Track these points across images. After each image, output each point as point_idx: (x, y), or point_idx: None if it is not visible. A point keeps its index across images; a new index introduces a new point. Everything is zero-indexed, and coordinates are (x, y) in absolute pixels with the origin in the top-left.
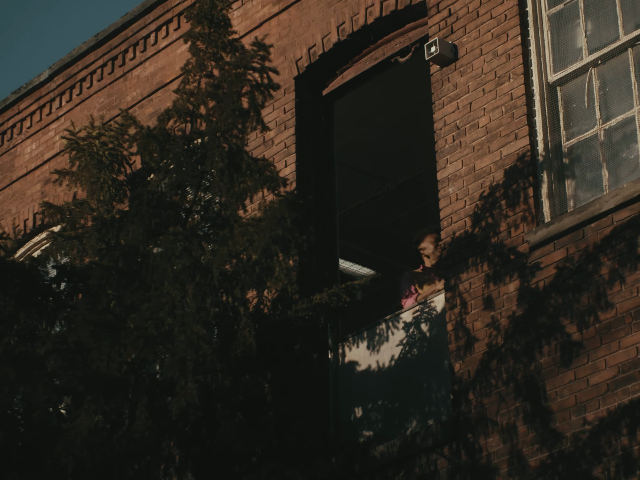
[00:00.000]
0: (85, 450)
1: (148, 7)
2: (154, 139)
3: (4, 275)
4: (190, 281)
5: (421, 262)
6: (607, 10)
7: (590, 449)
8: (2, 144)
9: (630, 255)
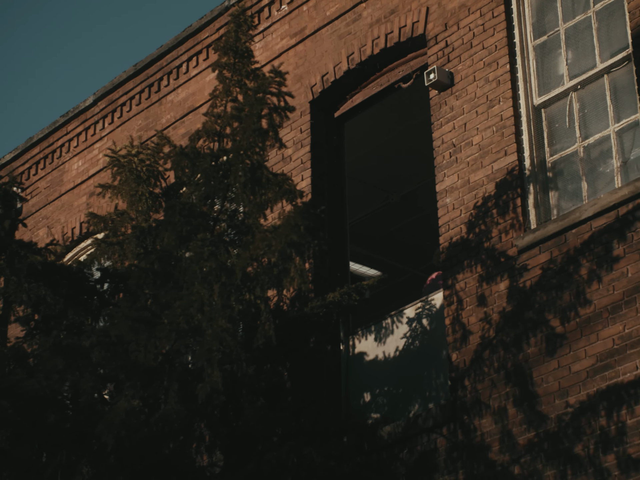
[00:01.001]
0: (123, 430)
1: (180, 40)
2: (186, 157)
3: (54, 277)
4: (217, 281)
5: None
6: (585, 41)
7: (572, 429)
8: (52, 161)
9: (607, 257)
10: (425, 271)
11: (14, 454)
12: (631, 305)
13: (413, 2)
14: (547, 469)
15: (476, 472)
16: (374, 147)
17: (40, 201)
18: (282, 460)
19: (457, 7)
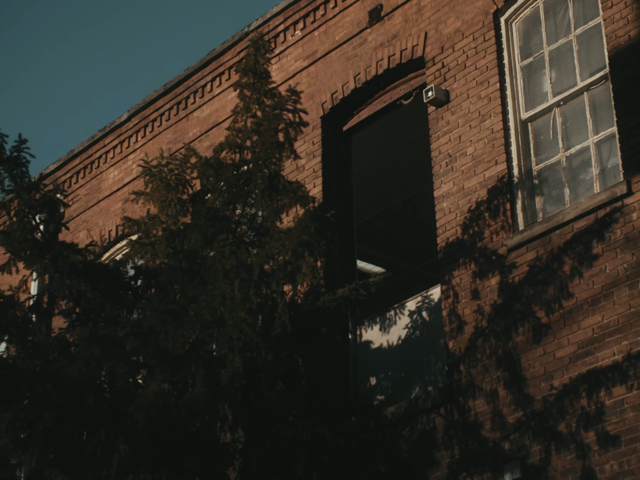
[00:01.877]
0: (152, 410)
1: (205, 62)
2: (210, 167)
3: (93, 274)
4: (237, 277)
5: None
6: (567, 62)
7: (556, 409)
8: (91, 171)
9: (587, 255)
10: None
11: (58, 433)
12: (609, 298)
13: (413, 27)
14: (534, 445)
15: (470, 448)
16: (378, 158)
17: (80, 207)
18: (297, 437)
19: (452, 32)
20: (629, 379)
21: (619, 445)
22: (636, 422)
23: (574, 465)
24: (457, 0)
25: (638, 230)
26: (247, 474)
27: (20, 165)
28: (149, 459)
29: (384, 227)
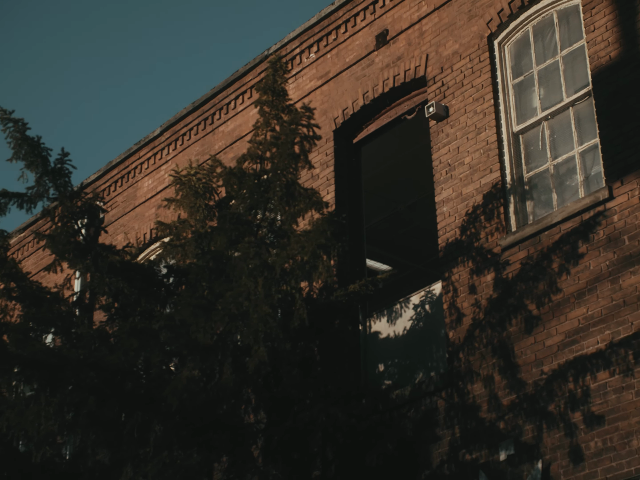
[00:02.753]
0: (184, 394)
1: (229, 82)
2: (234, 176)
3: (130, 273)
4: (260, 275)
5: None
6: (554, 80)
7: (546, 392)
8: (128, 180)
9: (573, 254)
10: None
11: (100, 415)
12: (593, 292)
13: (415, 50)
14: (526, 425)
15: (469, 427)
16: (385, 167)
17: (118, 212)
18: (313, 418)
19: (451, 54)
20: (611, 364)
21: (602, 424)
22: (618, 403)
23: (563, 443)
24: (455, 25)
25: (619, 231)
26: (269, 451)
27: (63, 175)
28: (181, 437)
29: (390, 229)
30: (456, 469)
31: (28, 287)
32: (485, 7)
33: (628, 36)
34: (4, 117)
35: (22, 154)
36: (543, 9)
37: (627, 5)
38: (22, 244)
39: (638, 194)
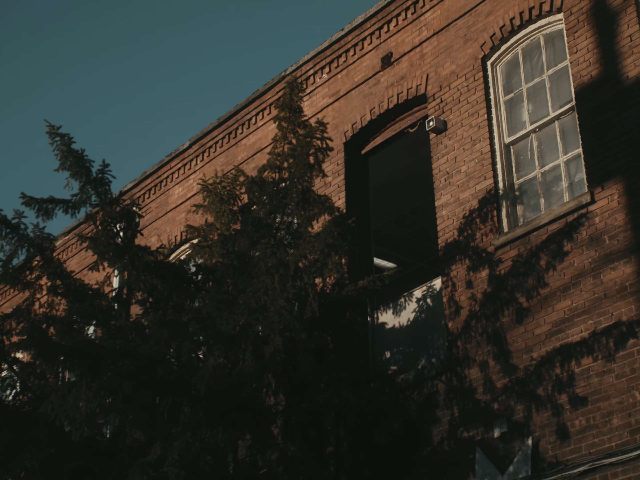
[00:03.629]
0: (211, 380)
1: (250, 100)
2: (255, 184)
3: (163, 271)
4: (277, 273)
5: None
6: (541, 97)
7: (535, 376)
8: (161, 189)
9: (559, 252)
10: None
11: (135, 398)
12: (577, 286)
13: (417, 70)
14: (517, 405)
15: (466, 408)
16: (390, 175)
17: (152, 217)
18: (327, 400)
19: (449, 73)
20: (594, 351)
21: (586, 404)
22: (600, 386)
23: (550, 421)
24: (452, 48)
25: (600, 232)
26: (287, 430)
27: (104, 184)
28: (208, 418)
29: (395, 230)
30: (455, 446)
31: (72, 284)
32: (479, 32)
33: (607, 57)
34: (52, 132)
35: (67, 165)
36: (531, 33)
37: (606, 29)
38: (66, 245)
39: (617, 198)
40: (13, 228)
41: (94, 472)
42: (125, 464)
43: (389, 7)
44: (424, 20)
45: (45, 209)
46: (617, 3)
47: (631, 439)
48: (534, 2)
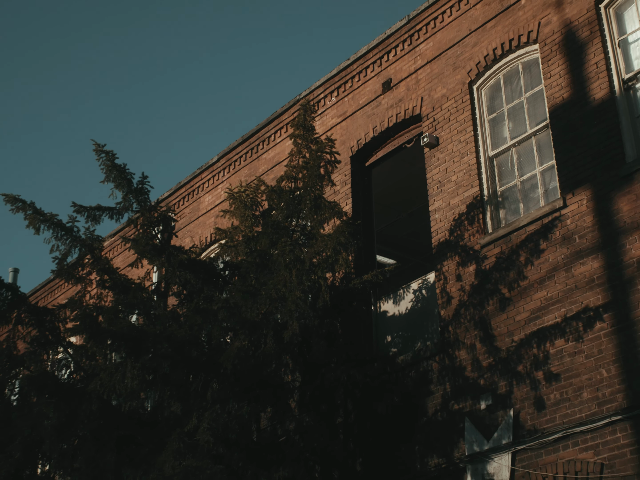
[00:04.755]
0: (236, 359)
1: (270, 120)
2: (274, 192)
3: (195, 267)
4: (294, 268)
5: None
6: (520, 116)
7: (516, 356)
8: (193, 197)
9: (536, 249)
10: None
11: (172, 376)
12: (552, 279)
13: (413, 94)
14: (501, 381)
15: (457, 384)
16: (390, 184)
17: (185, 221)
18: (337, 378)
19: (440, 96)
20: (566, 334)
21: (559, 380)
22: (571, 364)
23: (529, 395)
24: (443, 75)
25: (571, 232)
26: (303, 403)
27: (143, 193)
28: (234, 393)
29: (395, 231)
30: (447, 416)
31: (117, 279)
32: (466, 60)
33: (576, 82)
34: (98, 149)
35: (112, 177)
36: (511, 61)
37: (575, 58)
38: (113, 245)
39: (585, 203)
40: (67, 231)
41: (137, 440)
42: (164, 433)
43: (388, 39)
44: (418, 51)
45: (93, 215)
46: (584, 35)
47: (599, 410)
48: (513, 35)
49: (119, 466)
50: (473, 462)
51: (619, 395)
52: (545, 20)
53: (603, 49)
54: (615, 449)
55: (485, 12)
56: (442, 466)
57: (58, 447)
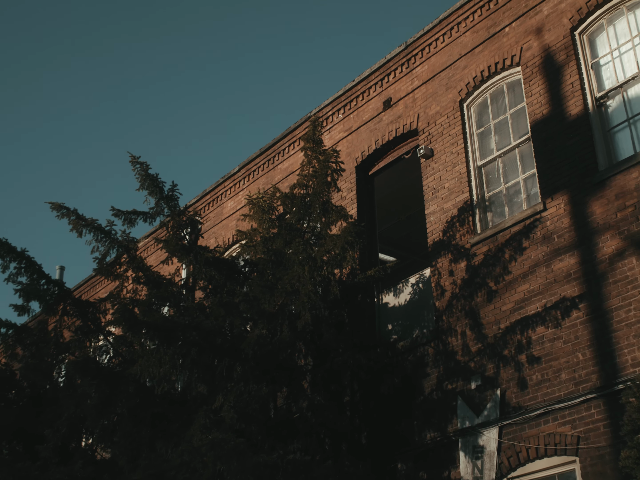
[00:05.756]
0: (256, 345)
1: (284, 135)
2: (288, 198)
3: (219, 264)
4: (306, 264)
5: None
6: (504, 130)
7: (502, 342)
8: (217, 202)
9: (519, 248)
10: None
11: (200, 361)
12: (533, 274)
13: (410, 111)
14: (489, 364)
15: (450, 367)
16: (391, 191)
17: (210, 224)
18: (344, 361)
19: (434, 113)
20: (546, 322)
21: (540, 363)
22: (551, 349)
23: (514, 376)
24: (437, 94)
25: (550, 232)
26: (314, 384)
27: (173, 199)
28: (254, 375)
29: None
30: (441, 395)
31: (151, 275)
32: (457, 81)
33: (555, 99)
34: (133, 160)
35: (146, 185)
36: (496, 82)
37: (553, 79)
38: (146, 246)
39: (563, 206)
40: (106, 233)
41: (169, 417)
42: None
43: (388, 63)
44: (415, 73)
45: (129, 219)
46: (561, 58)
47: (575, 389)
48: (498, 58)
49: (153, 439)
50: (465, 436)
51: (593, 375)
52: (527, 45)
53: (578, 70)
54: (590, 423)
55: (474, 39)
56: (437, 439)
57: (99, 423)
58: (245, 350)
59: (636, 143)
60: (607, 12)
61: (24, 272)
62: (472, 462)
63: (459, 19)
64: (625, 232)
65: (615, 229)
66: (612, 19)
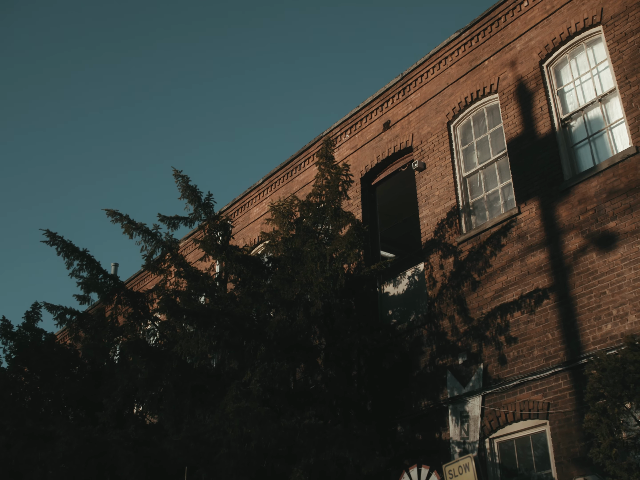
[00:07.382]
0: (277, 329)
1: (301, 152)
2: (305, 205)
3: (247, 261)
4: (319, 261)
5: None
6: (485, 146)
7: (485, 324)
8: (244, 209)
9: (498, 245)
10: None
11: (232, 342)
12: (510, 267)
13: (406, 131)
14: (473, 343)
15: (441, 345)
16: (390, 199)
17: (239, 227)
18: (352, 341)
19: (426, 132)
20: (521, 308)
21: (516, 342)
22: (525, 330)
23: (494, 353)
24: (428, 117)
25: (524, 232)
26: (327, 360)
27: (209, 207)
28: (277, 354)
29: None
30: (434, 369)
31: (190, 270)
32: (445, 106)
33: (527, 121)
34: (176, 174)
35: (186, 195)
36: (478, 106)
37: (525, 103)
38: (186, 245)
39: (535, 210)
40: (152, 235)
41: (206, 388)
42: (225, 383)
43: (387, 91)
44: (410, 100)
45: (173, 223)
46: (532, 87)
47: (546, 364)
48: (479, 87)
49: (193, 407)
50: (453, 403)
51: (560, 352)
52: (503, 75)
53: (546, 96)
54: (558, 392)
55: (459, 71)
56: (430, 406)
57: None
58: (269, 333)
59: (595, 157)
60: (570, 48)
61: (85, 268)
62: (459, 425)
63: (446, 54)
64: (587, 232)
65: (578, 229)
66: (574, 53)
